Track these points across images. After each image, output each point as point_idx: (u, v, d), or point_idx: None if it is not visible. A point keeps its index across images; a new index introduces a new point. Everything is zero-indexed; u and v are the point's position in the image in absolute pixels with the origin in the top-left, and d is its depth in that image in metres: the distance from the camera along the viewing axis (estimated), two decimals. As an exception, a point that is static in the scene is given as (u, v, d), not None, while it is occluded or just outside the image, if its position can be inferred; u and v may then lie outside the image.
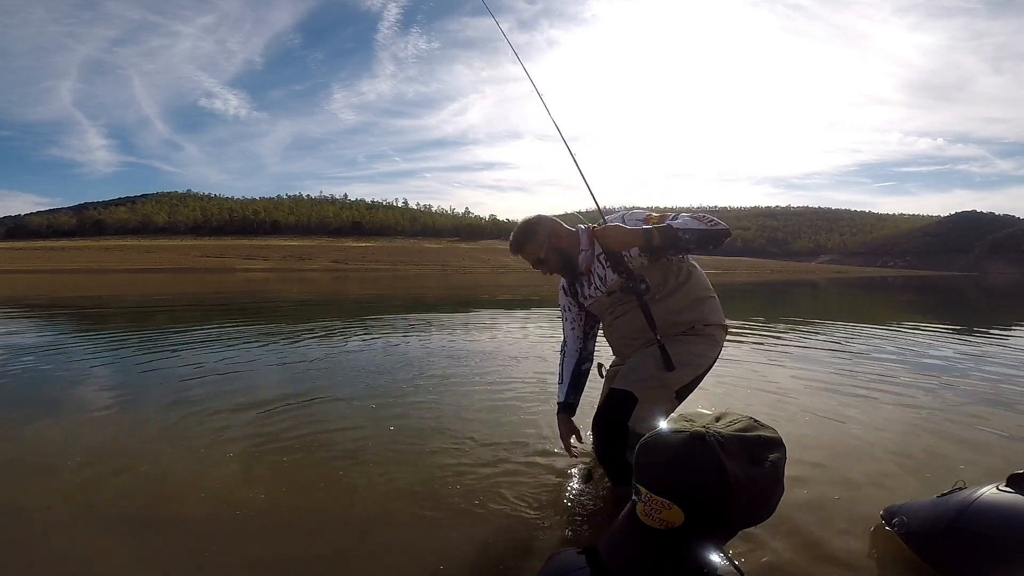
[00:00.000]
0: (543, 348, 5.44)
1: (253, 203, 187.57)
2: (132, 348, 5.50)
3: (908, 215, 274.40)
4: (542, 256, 2.00)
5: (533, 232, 2.01)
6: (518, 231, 2.04)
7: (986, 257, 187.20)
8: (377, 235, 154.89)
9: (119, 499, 2.07)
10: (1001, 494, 1.48)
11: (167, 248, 73.91)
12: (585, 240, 2.02)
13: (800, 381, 4.10)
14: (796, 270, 73.98)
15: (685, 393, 1.97)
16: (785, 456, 0.89)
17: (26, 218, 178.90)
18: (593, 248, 2.02)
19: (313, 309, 10.86)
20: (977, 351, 5.83)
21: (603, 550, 0.88)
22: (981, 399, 3.64)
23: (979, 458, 2.54)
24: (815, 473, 2.30)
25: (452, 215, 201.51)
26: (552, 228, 2.02)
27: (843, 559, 1.68)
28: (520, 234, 2.02)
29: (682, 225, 1.76)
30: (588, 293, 2.09)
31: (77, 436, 2.76)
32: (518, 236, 2.03)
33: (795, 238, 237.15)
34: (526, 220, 2.07)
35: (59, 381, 4.05)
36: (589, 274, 2.05)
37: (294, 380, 4.05)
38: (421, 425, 2.95)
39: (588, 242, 2.02)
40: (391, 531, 1.86)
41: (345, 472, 2.33)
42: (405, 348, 5.54)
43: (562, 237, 2.02)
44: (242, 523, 1.89)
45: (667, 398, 1.91)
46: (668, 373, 1.86)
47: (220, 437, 2.74)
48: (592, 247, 2.02)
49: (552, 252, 2.00)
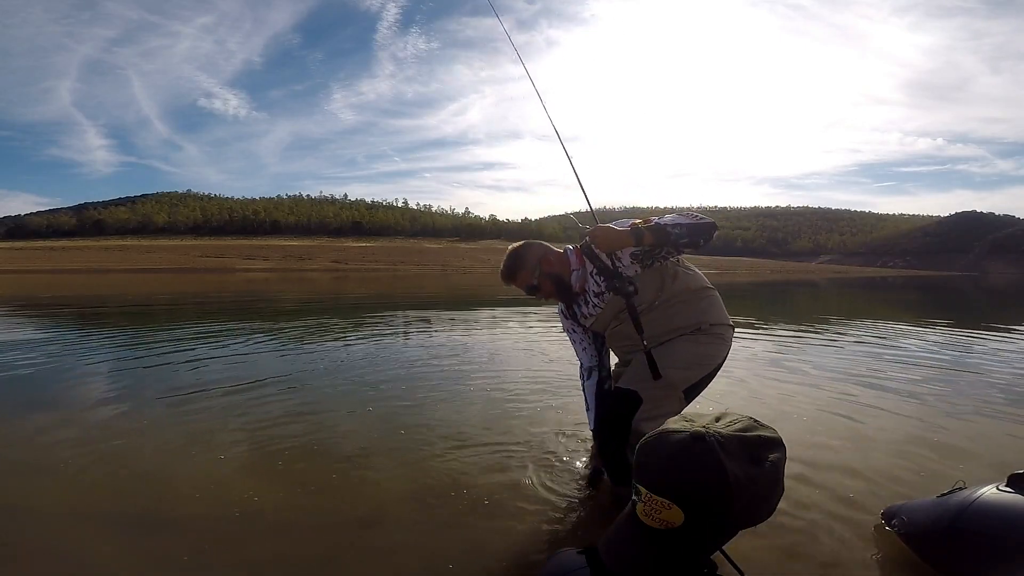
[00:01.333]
0: (544, 347, 5.44)
1: (253, 203, 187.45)
2: (132, 348, 5.50)
3: (908, 215, 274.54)
4: (534, 283, 1.98)
5: (522, 259, 1.99)
6: (507, 261, 2.02)
7: (986, 257, 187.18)
8: (377, 235, 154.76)
9: (119, 499, 2.07)
10: (1001, 494, 1.47)
11: (167, 248, 73.89)
12: (574, 259, 2.00)
13: (800, 381, 4.10)
14: (796, 270, 73.95)
15: (694, 393, 1.96)
16: (785, 456, 0.88)
17: (26, 218, 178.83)
18: (584, 266, 2.00)
19: (313, 309, 10.85)
20: (977, 351, 5.83)
21: (603, 550, 0.88)
22: (982, 399, 3.64)
23: (979, 458, 2.54)
24: (815, 473, 2.30)
25: (452, 215, 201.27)
26: (541, 254, 2.00)
27: (843, 559, 1.68)
28: (509, 263, 2.01)
29: (671, 221, 1.78)
30: (587, 312, 2.06)
31: (77, 436, 2.75)
32: (507, 266, 2.01)
33: (795, 238, 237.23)
34: (514, 248, 2.05)
35: (59, 381, 4.05)
36: (584, 293, 2.03)
37: (294, 380, 4.05)
38: (421, 425, 2.95)
39: (578, 261, 2.00)
40: (391, 531, 1.86)
41: (344, 472, 2.32)
42: (405, 347, 5.54)
43: (552, 262, 2.00)
44: (241, 523, 1.89)
45: (675, 398, 1.90)
46: (675, 372, 1.87)
47: (220, 437, 2.74)
48: (583, 265, 2.00)
49: (544, 278, 1.98)
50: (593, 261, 1.97)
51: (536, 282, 1.98)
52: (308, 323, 8.12)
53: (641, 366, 1.92)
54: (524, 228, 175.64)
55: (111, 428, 2.88)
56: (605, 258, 1.93)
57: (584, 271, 2.00)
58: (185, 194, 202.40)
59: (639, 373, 1.91)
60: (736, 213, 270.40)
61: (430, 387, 3.80)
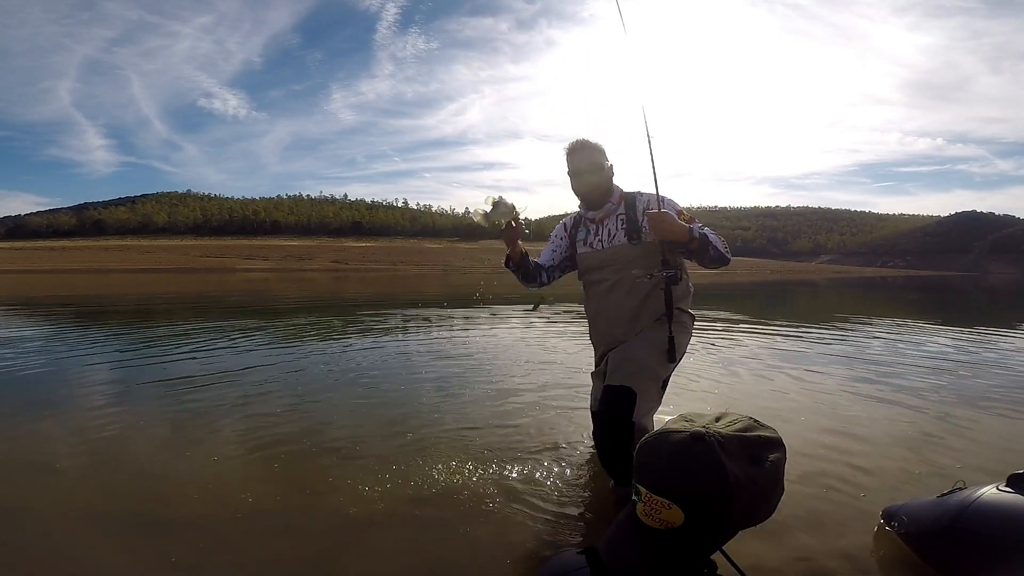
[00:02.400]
0: (545, 348, 5.44)
1: (253, 203, 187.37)
2: (132, 348, 5.50)
3: (908, 215, 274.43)
4: (586, 168, 2.03)
5: (601, 150, 2.05)
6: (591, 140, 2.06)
7: (986, 257, 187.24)
8: (377, 235, 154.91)
9: (119, 499, 2.07)
10: (1001, 494, 1.48)
11: (167, 248, 73.98)
12: (616, 196, 2.07)
13: (800, 381, 4.10)
14: (796, 270, 74.00)
15: (667, 383, 2.04)
16: (785, 456, 0.88)
17: (26, 218, 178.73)
18: (618, 207, 2.06)
19: (313, 309, 10.86)
20: (977, 351, 5.83)
21: (603, 550, 0.88)
22: (982, 399, 3.64)
23: (979, 458, 2.54)
24: (815, 473, 2.30)
25: (452, 215, 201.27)
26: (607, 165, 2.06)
27: (843, 559, 1.68)
28: (587, 140, 2.05)
29: (714, 241, 1.87)
30: (591, 241, 2.11)
31: (77, 436, 2.76)
32: (584, 139, 2.05)
33: (795, 238, 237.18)
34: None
35: (59, 381, 4.05)
36: (599, 224, 2.09)
37: (293, 380, 4.05)
38: (420, 425, 2.95)
39: (618, 200, 2.07)
40: (390, 531, 1.86)
41: (343, 472, 2.32)
42: (404, 347, 5.54)
43: (607, 177, 2.06)
44: (241, 523, 1.89)
45: (659, 389, 1.97)
46: (664, 363, 1.92)
47: (219, 438, 2.74)
48: (619, 205, 2.06)
49: (599, 172, 2.02)
50: (627, 210, 2.05)
51: (587, 168, 2.02)
52: (308, 323, 8.12)
53: (631, 357, 1.93)
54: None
55: (110, 428, 2.88)
56: (637, 216, 2.01)
57: (615, 209, 2.06)
58: (185, 194, 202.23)
59: (629, 365, 1.92)
60: (736, 213, 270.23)
61: (430, 387, 3.80)
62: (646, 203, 2.01)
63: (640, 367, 1.90)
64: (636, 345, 1.96)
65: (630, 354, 1.95)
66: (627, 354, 1.95)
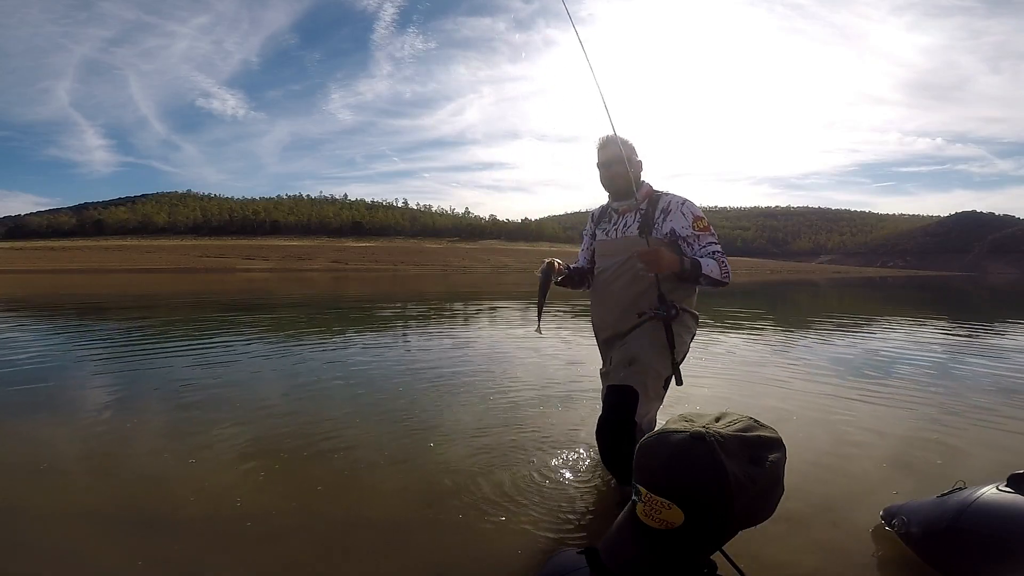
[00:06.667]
0: (545, 348, 5.44)
1: (253, 203, 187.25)
2: (132, 348, 5.50)
3: (908, 215, 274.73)
4: (611, 160, 2.08)
5: (628, 145, 2.10)
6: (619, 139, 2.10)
7: (986, 257, 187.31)
8: (377, 235, 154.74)
9: (118, 499, 2.07)
10: (1001, 494, 1.47)
11: (167, 248, 73.97)
12: (642, 194, 2.11)
13: (800, 380, 4.10)
14: (796, 270, 73.99)
15: (669, 382, 2.02)
16: (785, 456, 0.88)
17: (26, 218, 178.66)
18: (642, 202, 2.10)
19: (312, 309, 10.85)
20: (977, 350, 5.83)
21: (603, 550, 0.88)
22: (982, 398, 3.64)
23: (979, 458, 2.54)
24: (815, 473, 2.30)
25: (452, 215, 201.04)
26: (634, 160, 2.11)
27: (843, 559, 1.68)
28: (615, 136, 2.10)
29: (705, 271, 1.93)
30: (608, 230, 2.18)
31: (77, 436, 2.76)
32: (613, 135, 2.10)
33: (795, 238, 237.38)
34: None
35: (59, 381, 4.05)
36: (621, 215, 2.16)
37: (293, 380, 4.05)
38: (420, 425, 2.95)
39: (643, 197, 2.11)
40: (390, 532, 1.86)
41: (344, 473, 2.32)
42: (405, 347, 5.54)
43: (632, 171, 2.08)
44: (240, 523, 1.88)
45: (661, 388, 1.97)
46: (666, 362, 1.92)
47: (219, 438, 2.74)
48: (643, 201, 2.11)
49: (622, 164, 2.06)
50: (649, 206, 2.10)
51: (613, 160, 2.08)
52: (307, 323, 8.12)
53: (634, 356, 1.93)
54: (524, 228, 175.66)
55: (110, 429, 2.88)
56: (655, 213, 2.06)
57: (637, 205, 2.11)
58: (185, 194, 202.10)
59: (633, 364, 1.92)
60: (736, 213, 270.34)
61: (430, 387, 3.80)
62: (666, 204, 2.06)
63: (642, 366, 1.90)
64: (638, 344, 1.96)
65: (632, 353, 1.95)
66: (629, 353, 1.96)
